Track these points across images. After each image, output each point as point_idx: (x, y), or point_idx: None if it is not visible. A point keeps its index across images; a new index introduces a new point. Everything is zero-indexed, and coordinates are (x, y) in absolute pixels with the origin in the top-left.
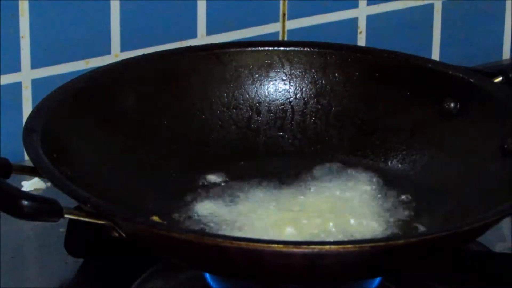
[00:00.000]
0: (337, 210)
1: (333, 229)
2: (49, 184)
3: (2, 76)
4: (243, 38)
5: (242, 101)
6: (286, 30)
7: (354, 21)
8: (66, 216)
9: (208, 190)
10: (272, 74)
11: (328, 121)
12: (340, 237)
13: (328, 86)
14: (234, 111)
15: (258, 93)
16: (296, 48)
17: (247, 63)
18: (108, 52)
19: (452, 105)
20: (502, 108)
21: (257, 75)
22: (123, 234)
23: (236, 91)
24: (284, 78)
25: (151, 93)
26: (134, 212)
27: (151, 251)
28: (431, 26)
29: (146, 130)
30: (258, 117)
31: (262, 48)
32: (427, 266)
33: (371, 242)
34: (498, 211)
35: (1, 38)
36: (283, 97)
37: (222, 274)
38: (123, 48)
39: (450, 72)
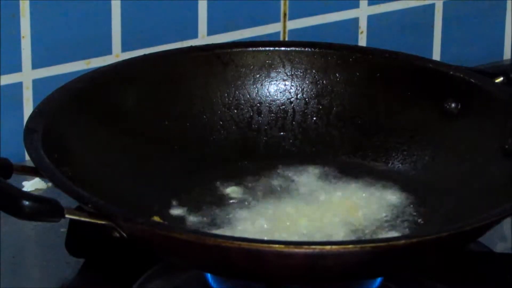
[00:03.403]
0: (338, 210)
1: (334, 229)
2: (50, 184)
3: (3, 77)
4: (244, 38)
5: (243, 101)
6: (287, 30)
7: (355, 21)
8: (67, 216)
9: (209, 191)
10: (273, 74)
11: (329, 122)
12: (341, 237)
13: (329, 86)
14: (235, 111)
15: (259, 93)
16: (297, 48)
17: (248, 63)
18: (109, 52)
19: (453, 105)
20: (503, 109)
21: (258, 75)
22: (124, 234)
23: (237, 91)
24: (285, 78)
25: (152, 93)
26: (135, 213)
27: (152, 251)
28: (432, 26)
29: (147, 130)
30: (259, 117)
31: (263, 48)
32: (428, 266)
33: (372, 243)
34: (499, 211)
35: (1, 39)
36: (284, 97)
37: (222, 274)
38: (124, 49)
39: (451, 72)
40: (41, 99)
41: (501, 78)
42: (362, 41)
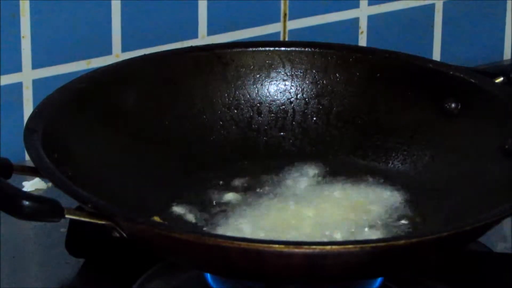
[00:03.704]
0: (338, 210)
1: (334, 229)
2: (50, 184)
3: (3, 77)
4: (244, 39)
5: (243, 101)
6: (287, 30)
7: (355, 21)
8: (67, 216)
9: (209, 191)
10: (273, 74)
11: (329, 122)
12: (340, 238)
13: (329, 87)
14: (235, 111)
15: (259, 93)
16: (297, 49)
17: (248, 63)
18: (109, 52)
19: (453, 105)
20: (503, 109)
21: (258, 75)
22: (124, 234)
23: (237, 91)
24: (285, 78)
25: (152, 93)
26: (135, 212)
27: (152, 251)
28: (432, 26)
29: (147, 130)
30: (259, 117)
31: (263, 49)
32: (428, 266)
33: (372, 243)
34: (499, 211)
35: (2, 38)
36: (284, 97)
37: (222, 274)
38: (124, 49)
39: (451, 73)
40: (41, 99)
41: (501, 78)
42: (362, 41)
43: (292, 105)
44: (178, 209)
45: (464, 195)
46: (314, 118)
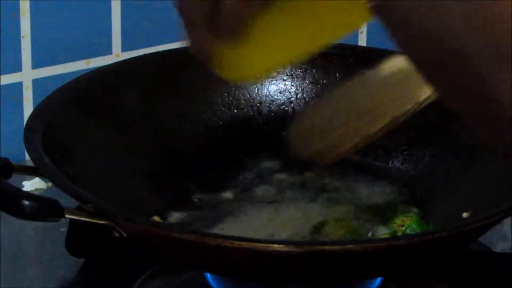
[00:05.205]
0: (337, 210)
1: (334, 229)
2: (50, 184)
3: (3, 76)
4: None
5: (243, 101)
6: None
7: None
8: (67, 216)
9: (209, 190)
10: (273, 74)
11: None
12: (340, 237)
13: (329, 86)
14: (235, 111)
15: (259, 93)
16: None
17: None
18: (109, 52)
19: None
20: None
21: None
22: (124, 234)
23: (237, 91)
24: (285, 78)
25: (152, 93)
26: (135, 212)
27: (152, 251)
28: None
29: (147, 130)
30: (259, 117)
31: None
32: (428, 266)
33: (372, 242)
34: (499, 211)
35: (2, 38)
36: (284, 97)
37: (222, 274)
38: (124, 48)
39: None
40: (41, 99)
41: None
42: (362, 41)
43: (292, 105)
44: (178, 209)
45: (464, 195)
46: None
